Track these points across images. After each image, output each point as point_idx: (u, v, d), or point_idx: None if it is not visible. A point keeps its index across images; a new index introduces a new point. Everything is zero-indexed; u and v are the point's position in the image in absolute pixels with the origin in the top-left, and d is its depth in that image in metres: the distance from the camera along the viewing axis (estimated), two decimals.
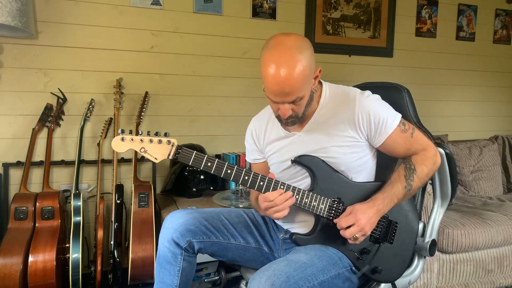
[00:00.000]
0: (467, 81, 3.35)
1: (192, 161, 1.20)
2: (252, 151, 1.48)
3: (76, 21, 2.27)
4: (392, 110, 1.28)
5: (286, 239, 1.36)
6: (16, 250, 1.83)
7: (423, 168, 1.25)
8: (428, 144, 1.28)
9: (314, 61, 1.19)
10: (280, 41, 1.15)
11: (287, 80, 1.11)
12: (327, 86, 1.33)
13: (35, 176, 2.24)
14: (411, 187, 1.24)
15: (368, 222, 1.16)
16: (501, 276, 2.25)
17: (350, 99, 1.27)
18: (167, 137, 1.20)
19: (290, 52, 1.12)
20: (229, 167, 1.21)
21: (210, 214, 1.36)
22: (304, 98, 1.19)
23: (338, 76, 2.89)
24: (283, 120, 1.24)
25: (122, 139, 1.20)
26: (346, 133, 1.25)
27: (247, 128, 1.48)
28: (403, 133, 1.26)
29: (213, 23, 2.55)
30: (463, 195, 2.78)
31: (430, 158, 1.27)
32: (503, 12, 3.39)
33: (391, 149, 1.29)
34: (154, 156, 1.20)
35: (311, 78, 1.19)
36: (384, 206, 1.21)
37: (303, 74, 1.13)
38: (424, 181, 1.27)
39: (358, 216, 1.16)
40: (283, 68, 1.10)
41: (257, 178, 1.23)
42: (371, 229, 1.18)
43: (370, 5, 2.94)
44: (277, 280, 1.04)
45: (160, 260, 1.30)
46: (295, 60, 1.11)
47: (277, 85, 1.13)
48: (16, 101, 2.20)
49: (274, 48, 1.14)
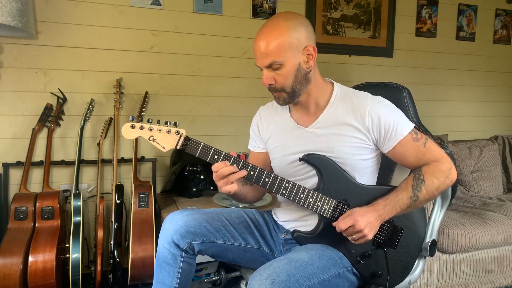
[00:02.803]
0: (467, 81, 3.35)
1: (199, 152, 1.21)
2: (255, 138, 1.47)
3: (76, 21, 2.26)
4: (404, 117, 1.26)
5: (287, 240, 1.36)
6: (16, 250, 1.83)
7: (433, 180, 1.21)
8: (442, 156, 1.24)
9: (305, 37, 1.21)
10: (276, 15, 1.26)
11: (264, 40, 1.18)
12: (338, 86, 1.33)
13: (35, 176, 2.24)
14: (417, 198, 1.20)
15: (367, 226, 1.14)
16: (501, 276, 2.25)
17: (361, 102, 1.26)
18: (176, 127, 1.21)
19: (276, 20, 1.21)
20: (235, 161, 1.21)
21: (210, 215, 1.36)
22: (286, 67, 1.20)
23: (338, 76, 2.89)
24: (270, 91, 1.27)
25: (132, 126, 1.20)
26: (355, 134, 1.24)
27: (254, 116, 1.49)
28: (414, 141, 1.23)
29: (213, 23, 2.55)
30: (463, 195, 2.78)
31: (442, 171, 1.22)
32: (503, 12, 3.39)
33: (401, 157, 1.26)
34: (162, 145, 1.21)
35: (296, 49, 1.20)
36: (386, 212, 1.19)
37: (283, 39, 1.17)
38: (433, 194, 1.23)
39: (356, 218, 1.15)
40: (265, 30, 1.20)
41: (263, 174, 1.22)
42: (372, 233, 1.16)
43: (370, 5, 2.94)
44: (278, 278, 1.04)
45: (160, 261, 1.30)
46: (278, 25, 1.19)
47: (257, 48, 1.20)
48: (16, 101, 2.20)
49: (268, 20, 1.24)
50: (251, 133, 1.49)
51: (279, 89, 1.24)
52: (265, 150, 1.44)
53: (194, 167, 2.29)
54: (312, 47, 1.22)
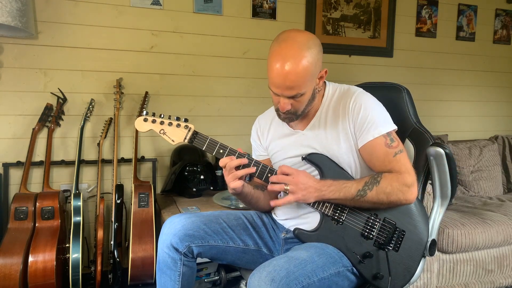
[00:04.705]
0: (467, 81, 3.35)
1: (206, 146, 1.28)
2: (257, 147, 1.50)
3: (76, 21, 2.27)
4: (386, 119, 1.25)
5: (287, 239, 1.36)
6: (16, 250, 1.83)
7: (387, 186, 1.18)
8: (409, 172, 1.20)
9: (321, 61, 1.20)
10: (291, 36, 1.17)
11: (290, 74, 1.14)
12: (331, 85, 1.35)
13: (35, 176, 2.24)
14: (365, 194, 1.19)
15: (301, 186, 1.17)
16: (501, 276, 2.25)
17: (349, 93, 1.28)
18: (185, 122, 1.27)
19: (297, 47, 1.14)
20: (240, 156, 1.25)
21: (208, 217, 1.36)
22: (305, 95, 1.20)
23: (338, 76, 2.89)
24: (281, 114, 1.26)
25: (145, 119, 1.28)
26: (347, 130, 1.26)
27: (253, 125, 1.52)
28: (386, 147, 1.21)
29: (213, 23, 2.55)
30: (463, 195, 2.78)
31: (401, 183, 1.18)
32: (503, 12, 3.39)
33: (369, 157, 1.25)
34: (171, 138, 1.28)
35: (315, 77, 1.21)
36: (329, 191, 1.19)
37: (307, 71, 1.14)
38: (381, 200, 1.19)
39: (300, 175, 1.19)
40: (288, 62, 1.13)
41: (266, 169, 1.25)
42: (300, 195, 1.18)
43: (370, 5, 2.94)
44: (277, 275, 1.04)
45: (161, 265, 1.31)
46: (301, 56, 1.13)
47: (280, 78, 1.15)
48: (16, 101, 2.20)
49: (284, 41, 1.16)
50: (253, 143, 1.52)
51: (292, 112, 1.25)
52: (268, 157, 1.47)
53: (194, 167, 2.29)
54: (325, 71, 1.25)
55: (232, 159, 1.22)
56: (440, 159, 1.30)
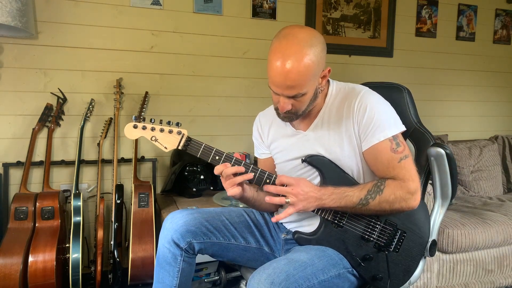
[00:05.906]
0: (467, 81, 3.35)
1: (201, 153, 1.20)
2: (259, 145, 1.46)
3: (76, 21, 2.26)
4: (394, 121, 1.20)
5: (287, 240, 1.36)
6: (16, 250, 1.83)
7: (390, 195, 1.15)
8: (413, 179, 1.16)
9: (324, 60, 1.15)
10: (293, 32, 1.11)
11: (291, 73, 1.08)
12: (334, 84, 1.30)
13: (35, 176, 2.24)
14: (367, 203, 1.15)
15: (302, 196, 1.12)
16: (501, 276, 2.25)
17: (355, 93, 1.22)
18: (178, 127, 1.20)
19: (299, 45, 1.08)
20: (236, 162, 1.20)
21: (210, 214, 1.35)
22: (307, 95, 1.16)
23: (338, 76, 2.84)
24: (281, 113, 1.22)
25: (135, 126, 1.20)
26: (348, 127, 1.22)
27: (254, 123, 1.47)
28: (391, 152, 1.17)
29: (213, 23, 2.55)
30: (463, 195, 2.78)
31: (405, 191, 1.15)
32: (503, 12, 3.39)
33: (372, 161, 1.21)
34: (164, 146, 1.21)
35: (318, 76, 1.16)
36: (330, 200, 1.15)
37: (309, 70, 1.09)
38: (383, 207, 1.16)
39: (299, 184, 1.13)
40: (289, 60, 1.07)
41: (264, 175, 1.20)
42: (301, 206, 1.13)
43: (370, 5, 2.94)
44: (277, 278, 1.03)
45: (160, 260, 1.30)
46: (303, 54, 1.07)
47: (280, 76, 1.10)
48: (16, 101, 2.20)
49: (285, 38, 1.10)
50: (254, 141, 1.48)
51: (293, 112, 1.20)
52: (270, 156, 1.44)
53: (194, 167, 2.29)
54: (328, 70, 1.19)
55: (227, 166, 1.17)
56: (440, 159, 1.30)
